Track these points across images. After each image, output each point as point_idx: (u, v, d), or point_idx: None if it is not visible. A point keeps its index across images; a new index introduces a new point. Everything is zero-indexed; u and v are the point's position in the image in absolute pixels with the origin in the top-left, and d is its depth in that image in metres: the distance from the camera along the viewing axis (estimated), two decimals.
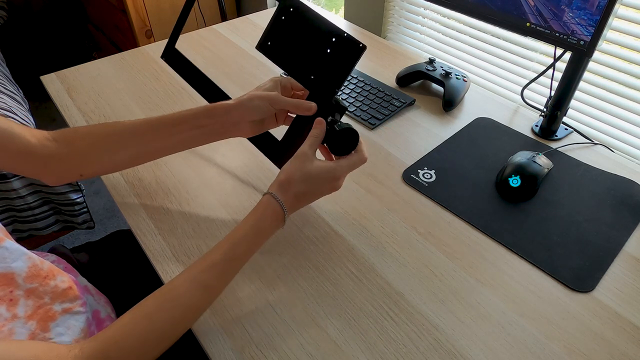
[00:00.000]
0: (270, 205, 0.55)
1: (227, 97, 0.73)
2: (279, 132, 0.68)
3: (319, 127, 0.59)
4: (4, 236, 0.48)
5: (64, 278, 0.53)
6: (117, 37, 1.94)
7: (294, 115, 0.66)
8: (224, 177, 0.75)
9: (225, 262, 0.51)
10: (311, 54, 0.63)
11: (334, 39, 0.61)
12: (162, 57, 0.78)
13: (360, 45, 0.59)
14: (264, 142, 0.70)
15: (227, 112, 0.61)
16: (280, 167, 0.69)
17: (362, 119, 0.88)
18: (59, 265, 0.58)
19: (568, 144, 0.82)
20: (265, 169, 0.76)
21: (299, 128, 0.66)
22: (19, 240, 0.52)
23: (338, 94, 0.62)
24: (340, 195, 0.71)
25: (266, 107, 0.61)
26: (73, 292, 0.53)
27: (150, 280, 0.66)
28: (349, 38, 0.60)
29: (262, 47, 0.68)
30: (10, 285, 0.47)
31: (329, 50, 0.62)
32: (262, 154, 0.71)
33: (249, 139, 0.70)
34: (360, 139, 0.60)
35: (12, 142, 0.57)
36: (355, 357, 0.52)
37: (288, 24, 0.65)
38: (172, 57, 0.77)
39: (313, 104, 0.62)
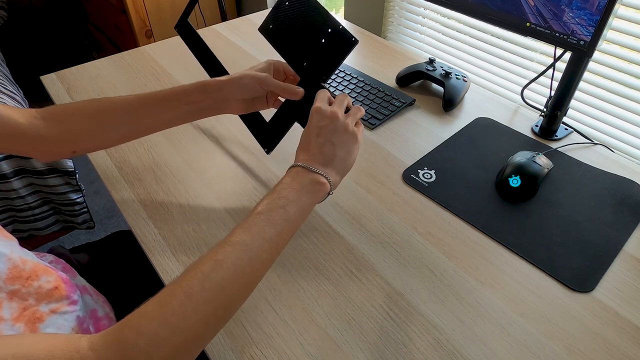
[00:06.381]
0: (290, 171, 0.54)
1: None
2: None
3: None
4: None
5: (50, 278, 0.51)
6: (117, 37, 1.94)
7: (284, 100, 0.66)
8: (225, 177, 0.75)
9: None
10: (307, 41, 0.65)
11: (329, 30, 0.62)
12: (175, 27, 0.80)
13: (352, 39, 0.60)
14: (253, 122, 0.72)
15: (219, 88, 0.62)
16: (264, 147, 0.70)
17: (362, 119, 0.88)
18: (56, 266, 0.58)
19: (568, 144, 0.82)
20: (266, 169, 0.76)
21: (286, 112, 0.67)
22: (19, 240, 0.51)
23: (328, 84, 0.63)
24: (340, 195, 0.72)
25: (255, 87, 0.62)
26: (60, 292, 0.52)
27: (151, 281, 0.66)
28: (343, 31, 0.61)
29: (263, 29, 0.69)
30: None
31: (323, 41, 0.63)
32: (262, 154, 0.71)
33: (240, 117, 0.72)
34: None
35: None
36: (355, 357, 0.52)
37: (290, 9, 0.66)
38: (184, 30, 0.79)
39: (300, 90, 0.63)
